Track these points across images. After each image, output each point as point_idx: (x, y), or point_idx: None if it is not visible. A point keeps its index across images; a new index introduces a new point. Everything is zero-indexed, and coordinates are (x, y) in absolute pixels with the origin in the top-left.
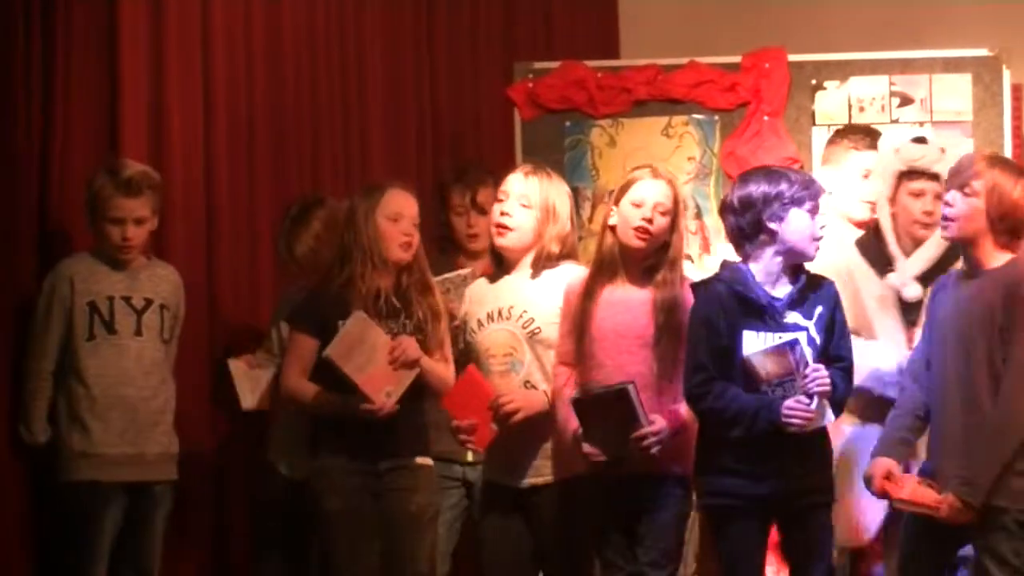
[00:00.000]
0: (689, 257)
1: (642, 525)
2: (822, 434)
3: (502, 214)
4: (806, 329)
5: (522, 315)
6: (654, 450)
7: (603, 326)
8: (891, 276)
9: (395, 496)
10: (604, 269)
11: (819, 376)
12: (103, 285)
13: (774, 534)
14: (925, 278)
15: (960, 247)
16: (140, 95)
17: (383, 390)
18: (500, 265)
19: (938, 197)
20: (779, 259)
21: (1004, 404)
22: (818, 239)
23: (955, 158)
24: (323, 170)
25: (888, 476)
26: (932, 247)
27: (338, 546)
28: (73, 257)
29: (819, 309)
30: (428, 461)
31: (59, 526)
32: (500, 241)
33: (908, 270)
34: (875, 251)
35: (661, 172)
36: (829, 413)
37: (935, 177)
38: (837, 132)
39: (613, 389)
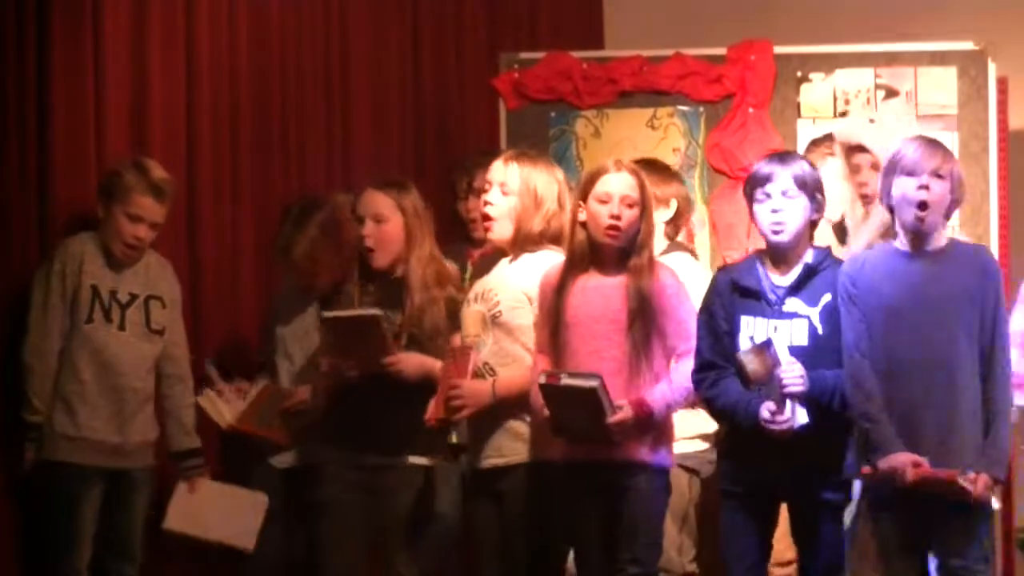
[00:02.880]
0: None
1: (620, 519)
2: (832, 428)
3: (485, 204)
4: (807, 318)
5: (492, 297)
6: (618, 439)
7: (577, 313)
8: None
9: (381, 496)
10: (576, 264)
11: (790, 376)
12: (98, 274)
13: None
14: None
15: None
16: (123, 85)
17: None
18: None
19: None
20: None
21: (1004, 379)
22: (770, 223)
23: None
24: (307, 162)
25: (916, 465)
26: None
27: (324, 537)
28: (80, 236)
29: (826, 297)
30: (423, 461)
31: (39, 508)
32: (488, 235)
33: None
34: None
35: (624, 163)
36: (798, 415)
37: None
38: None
39: (582, 387)
